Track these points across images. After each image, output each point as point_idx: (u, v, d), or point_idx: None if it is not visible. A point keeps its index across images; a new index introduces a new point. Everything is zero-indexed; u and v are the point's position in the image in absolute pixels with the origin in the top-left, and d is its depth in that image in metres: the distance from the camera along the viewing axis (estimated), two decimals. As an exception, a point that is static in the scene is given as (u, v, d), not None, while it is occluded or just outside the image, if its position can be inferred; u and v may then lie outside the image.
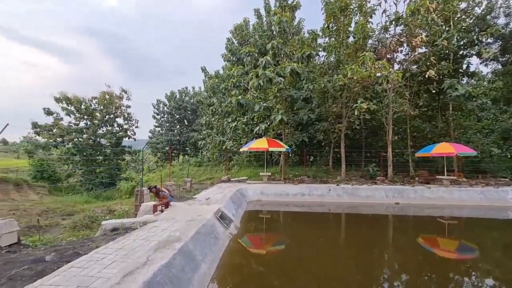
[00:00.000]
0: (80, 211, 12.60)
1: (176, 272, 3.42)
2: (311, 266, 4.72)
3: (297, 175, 13.99)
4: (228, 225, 6.19)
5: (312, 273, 4.39)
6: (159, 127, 33.11)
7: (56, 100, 19.98)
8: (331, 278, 4.22)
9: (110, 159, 21.51)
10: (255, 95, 14.20)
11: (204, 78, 23.53)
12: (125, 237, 4.48)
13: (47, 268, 3.31)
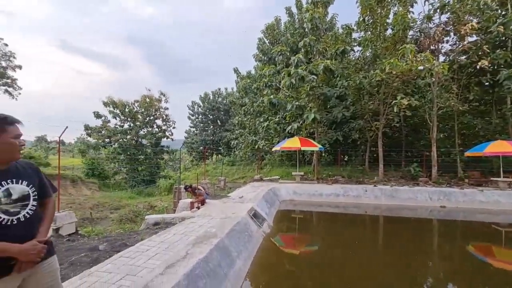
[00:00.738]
0: (125, 206, 13.70)
1: (213, 266, 3.58)
2: (346, 269, 4.59)
3: (330, 175, 13.61)
4: (261, 224, 6.27)
5: (347, 277, 4.26)
6: (194, 128, 34.54)
7: (104, 104, 21.96)
8: (366, 284, 4.06)
9: (151, 158, 23.01)
10: (287, 94, 14.12)
11: (236, 78, 23.99)
12: (166, 231, 4.79)
13: (101, 256, 3.68)
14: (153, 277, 2.94)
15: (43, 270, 1.53)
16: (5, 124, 1.45)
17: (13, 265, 1.38)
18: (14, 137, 1.46)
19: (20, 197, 1.46)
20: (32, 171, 1.58)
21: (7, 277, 1.36)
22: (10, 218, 1.40)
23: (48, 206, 1.63)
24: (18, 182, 1.47)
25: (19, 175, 1.49)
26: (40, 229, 1.53)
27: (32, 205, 1.51)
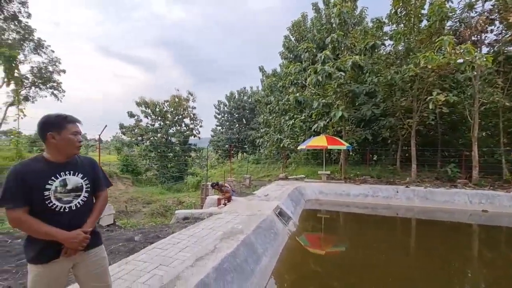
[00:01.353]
0: (156, 201, 14.43)
1: (240, 262, 3.67)
2: (374, 273, 4.43)
3: (358, 175, 13.16)
4: (287, 222, 6.27)
5: (375, 281, 4.13)
6: (220, 126, 35.26)
7: (137, 104, 23.25)
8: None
9: (179, 155, 23.95)
10: (313, 92, 13.87)
11: (261, 77, 24.06)
12: (195, 226, 4.98)
13: (136, 246, 3.94)
14: (184, 268, 3.09)
15: (90, 259, 1.68)
16: (65, 122, 1.63)
17: (61, 250, 1.55)
18: (73, 134, 1.63)
19: (74, 187, 1.62)
20: (90, 166, 1.76)
21: (57, 260, 1.54)
22: (62, 206, 1.56)
23: (99, 199, 1.79)
24: (74, 174, 1.64)
25: (76, 168, 1.66)
26: (87, 220, 1.67)
27: (84, 196, 1.66)
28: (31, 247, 1.53)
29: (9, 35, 20.59)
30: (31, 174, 1.51)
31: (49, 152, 1.61)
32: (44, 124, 1.59)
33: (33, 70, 23.24)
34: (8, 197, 1.44)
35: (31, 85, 23.38)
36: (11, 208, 1.44)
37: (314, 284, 3.98)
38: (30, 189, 1.48)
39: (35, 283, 1.51)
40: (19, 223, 1.47)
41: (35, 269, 1.51)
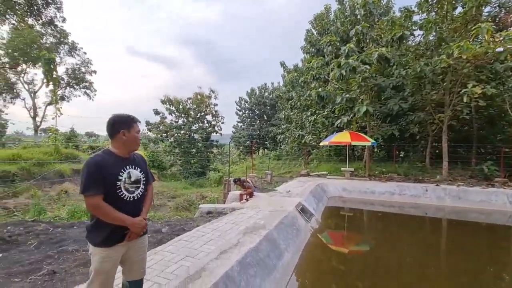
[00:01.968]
0: (181, 195, 14.92)
1: (263, 256, 3.71)
2: (400, 274, 4.28)
3: (384, 172, 12.68)
4: (309, 219, 6.23)
5: (401, 282, 3.99)
6: (241, 123, 35.53)
7: (162, 102, 24.05)
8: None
9: (202, 151, 24.50)
10: (337, 87, 13.51)
11: (283, 72, 23.83)
12: (218, 220, 5.11)
13: (164, 238, 4.13)
14: (208, 261, 3.20)
15: (139, 244, 1.88)
16: (133, 122, 1.86)
17: (125, 234, 1.76)
18: (137, 132, 1.86)
19: (135, 180, 1.84)
20: (143, 162, 1.98)
21: (120, 243, 1.74)
22: (128, 195, 1.78)
23: (149, 191, 2.00)
24: (135, 168, 1.85)
25: (135, 163, 1.88)
26: (143, 209, 1.90)
27: (142, 188, 1.88)
28: (98, 233, 1.70)
29: (47, 39, 22.14)
30: (107, 166, 1.71)
31: (117, 147, 1.82)
32: (118, 122, 1.81)
33: (68, 71, 24.86)
34: (91, 185, 1.62)
35: (66, 86, 25.05)
36: (92, 195, 1.62)
37: (337, 283, 3.94)
38: (105, 179, 1.68)
39: (101, 264, 1.67)
40: (98, 208, 1.64)
41: (102, 252, 1.68)
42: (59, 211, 7.23)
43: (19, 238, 4.17)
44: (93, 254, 1.70)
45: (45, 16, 21.14)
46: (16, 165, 10.90)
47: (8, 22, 13.28)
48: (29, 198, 9.68)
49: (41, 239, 4.16)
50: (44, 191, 10.84)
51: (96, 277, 1.68)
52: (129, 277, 1.87)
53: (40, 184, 10.91)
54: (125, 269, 1.87)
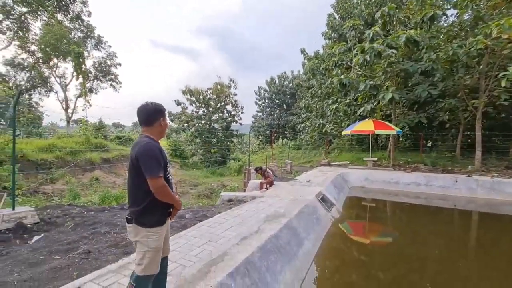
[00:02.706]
0: (202, 183, 15.35)
1: (283, 244, 3.76)
2: (425, 267, 4.13)
3: (409, 162, 12.18)
4: (329, 208, 6.17)
5: (425, 274, 3.87)
6: (261, 112, 35.40)
7: (183, 93, 24.52)
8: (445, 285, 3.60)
9: (222, 141, 24.86)
10: (360, 73, 12.97)
11: (303, 60, 23.23)
12: (239, 208, 5.21)
13: (187, 223, 4.30)
14: (230, 246, 3.29)
15: (168, 224, 2.06)
16: (164, 110, 2.01)
17: (169, 213, 1.97)
18: (166, 120, 2.03)
19: (167, 163, 1.98)
20: None
21: (166, 222, 1.95)
22: (171, 177, 1.99)
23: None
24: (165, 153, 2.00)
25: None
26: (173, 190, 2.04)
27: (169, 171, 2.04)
28: (153, 215, 1.85)
29: (75, 34, 23.16)
30: (162, 150, 1.89)
31: (155, 133, 1.95)
32: (158, 110, 1.97)
33: (94, 64, 25.97)
34: (160, 168, 1.80)
35: (94, 78, 26.25)
36: (161, 177, 1.79)
37: (358, 273, 3.90)
38: (164, 162, 1.88)
39: (158, 242, 1.86)
40: (163, 187, 1.80)
41: (157, 232, 1.85)
42: (91, 197, 7.74)
43: (58, 220, 4.54)
44: (148, 236, 1.82)
45: (72, 11, 22.02)
46: (52, 154, 11.73)
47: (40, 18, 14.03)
48: (64, 184, 10.44)
49: (77, 222, 4.49)
50: (77, 178, 11.63)
51: (153, 255, 1.84)
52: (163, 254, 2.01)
53: (73, 172, 11.70)
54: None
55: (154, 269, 1.85)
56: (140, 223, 1.83)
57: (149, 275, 1.85)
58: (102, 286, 2.39)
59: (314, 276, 3.60)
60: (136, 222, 1.84)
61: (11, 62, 23.22)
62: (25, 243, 3.63)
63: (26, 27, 13.26)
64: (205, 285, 2.40)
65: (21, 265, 2.94)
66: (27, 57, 21.77)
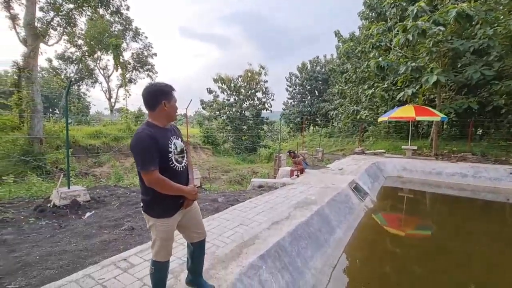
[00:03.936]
0: (233, 170, 15.75)
1: (314, 230, 3.74)
2: (467, 264, 3.84)
3: (455, 151, 11.17)
4: (363, 198, 5.97)
5: (467, 273, 3.59)
6: (291, 99, 34.76)
7: (214, 81, 24.95)
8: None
9: (252, 128, 25.06)
10: (400, 55, 11.98)
11: (337, 43, 22.08)
12: (269, 194, 5.27)
13: (220, 207, 4.47)
14: (261, 230, 3.37)
15: (193, 210, 1.98)
16: (172, 90, 1.81)
17: (181, 203, 1.83)
18: (175, 102, 1.84)
19: (180, 150, 1.84)
20: (179, 132, 1.98)
21: (178, 212, 1.83)
22: (179, 166, 1.80)
23: (189, 160, 2.02)
24: (177, 139, 1.86)
25: (175, 133, 1.89)
26: (189, 177, 1.94)
27: (186, 157, 1.91)
28: (159, 206, 1.75)
29: (115, 27, 24.52)
30: (159, 138, 1.68)
31: (157, 118, 1.76)
32: (159, 92, 1.75)
33: (133, 55, 27.42)
34: (150, 160, 1.60)
35: (132, 69, 27.80)
36: (152, 170, 1.60)
37: (391, 265, 3.75)
38: (161, 151, 1.68)
39: (165, 233, 1.77)
40: (158, 181, 1.63)
41: (164, 223, 1.76)
42: (133, 179, 8.39)
43: (105, 199, 5.01)
44: (156, 226, 1.76)
45: (112, 6, 23.25)
46: (99, 140, 12.83)
47: (85, 14, 15.11)
48: (110, 168, 11.44)
49: (121, 201, 4.93)
50: (120, 162, 12.65)
51: (162, 244, 1.79)
52: (191, 240, 2.03)
53: (117, 156, 12.73)
54: (185, 234, 2.02)
55: (164, 256, 1.82)
56: (148, 212, 1.78)
57: (160, 261, 1.83)
58: (144, 259, 2.62)
59: (345, 264, 3.55)
60: (145, 211, 1.79)
61: (62, 56, 25.51)
62: (79, 218, 4.08)
63: (73, 22, 14.35)
64: (237, 265, 2.50)
65: (77, 236, 3.33)
66: (75, 51, 23.69)
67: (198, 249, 2.05)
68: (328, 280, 3.07)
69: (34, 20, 10.80)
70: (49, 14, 13.09)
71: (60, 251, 2.90)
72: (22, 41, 11.03)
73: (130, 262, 2.58)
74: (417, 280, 3.33)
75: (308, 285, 2.83)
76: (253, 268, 2.52)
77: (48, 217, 4.04)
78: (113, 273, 2.38)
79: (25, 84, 10.44)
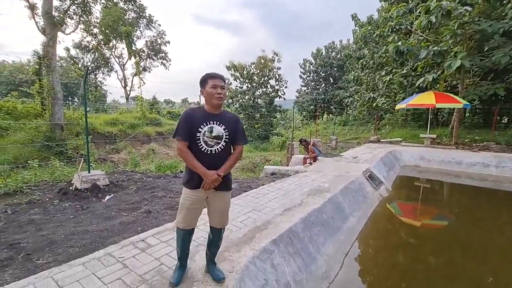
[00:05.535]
0: (245, 157, 15.83)
1: (327, 218, 3.74)
2: (485, 256, 3.73)
3: (477, 140, 10.69)
4: (377, 187, 5.87)
5: (486, 265, 3.50)
6: (305, 87, 34.08)
7: (227, 68, 24.80)
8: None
9: (265, 116, 24.94)
10: (421, 38, 11.36)
11: (354, 27, 21.21)
12: (282, 181, 5.28)
13: (233, 192, 4.51)
14: (274, 216, 3.40)
15: (218, 198, 2.06)
16: (208, 77, 1.97)
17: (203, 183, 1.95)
18: (212, 87, 1.93)
19: (216, 135, 1.95)
20: (233, 122, 2.05)
21: (198, 189, 1.96)
22: (207, 148, 1.93)
23: (235, 151, 2.08)
24: (218, 125, 1.96)
25: (221, 120, 1.98)
26: (223, 166, 1.98)
27: (222, 145, 1.97)
28: (185, 175, 2.04)
29: (129, 15, 24.61)
30: (194, 118, 1.94)
31: (205, 101, 2.02)
32: (200, 81, 2.02)
33: (147, 43, 27.56)
34: (179, 131, 1.92)
35: (146, 57, 28.02)
36: (178, 140, 1.92)
37: (405, 255, 3.70)
38: (191, 128, 1.91)
39: (184, 200, 2.01)
40: (181, 151, 1.93)
41: (186, 191, 2.01)
42: (149, 165, 8.62)
43: (123, 184, 5.20)
44: (183, 191, 2.04)
45: (126, -7, 23.26)
46: (116, 127, 13.19)
47: (99, 1, 15.23)
48: (127, 154, 11.79)
49: (138, 186, 5.09)
50: (136, 149, 12.99)
51: (180, 210, 2.03)
52: (210, 223, 2.14)
53: (133, 143, 13.08)
54: (209, 215, 2.13)
55: (179, 222, 2.02)
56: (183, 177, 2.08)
57: (178, 227, 2.04)
58: (161, 241, 2.73)
59: (358, 252, 3.55)
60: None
61: (79, 45, 26.02)
62: (99, 201, 4.27)
63: (88, 10, 14.51)
64: (250, 249, 2.56)
65: (98, 218, 3.50)
66: (91, 40, 24.08)
67: (215, 235, 2.15)
68: (340, 266, 3.09)
69: (52, 9, 11.00)
70: (66, 3, 13.27)
71: (83, 231, 3.06)
72: (41, 30, 11.30)
73: (147, 242, 2.69)
74: (431, 271, 3.28)
75: (320, 271, 2.86)
76: (265, 252, 2.57)
77: (71, 199, 4.25)
78: (132, 252, 2.50)
79: (45, 72, 10.78)
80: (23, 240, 2.83)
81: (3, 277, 2.17)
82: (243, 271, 2.22)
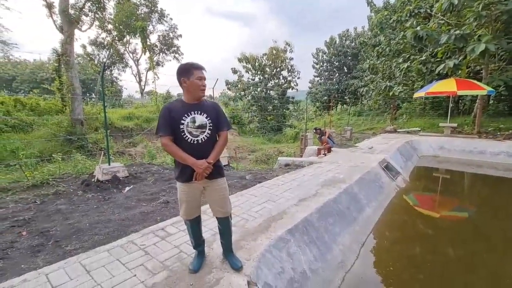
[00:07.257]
0: (259, 149, 15.88)
1: (342, 208, 3.72)
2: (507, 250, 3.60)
3: (502, 129, 10.17)
4: (394, 177, 5.75)
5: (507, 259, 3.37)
6: (318, 77, 33.41)
7: (239, 60, 24.62)
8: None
9: (278, 108, 24.74)
10: (442, 22, 10.80)
11: (369, 13, 20.44)
12: (296, 172, 5.28)
13: (248, 184, 4.58)
14: (288, 206, 3.42)
15: (215, 186, 2.07)
16: (193, 68, 1.92)
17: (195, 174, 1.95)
18: (197, 78, 1.92)
19: (200, 124, 1.94)
20: (213, 109, 2.04)
21: (191, 182, 1.98)
22: (192, 138, 1.92)
23: (220, 138, 2.08)
24: (200, 114, 1.96)
25: (202, 109, 1.98)
26: (210, 154, 1.98)
27: (207, 133, 1.97)
28: (176, 169, 2.05)
29: (141, 10, 24.85)
30: (174, 111, 1.92)
31: (184, 94, 1.99)
32: (179, 70, 1.94)
33: (159, 38, 27.80)
34: (161, 127, 1.91)
35: (159, 52, 28.32)
36: (162, 135, 1.91)
37: (422, 247, 3.60)
38: (173, 122, 1.90)
39: (180, 194, 2.06)
40: (166, 146, 1.92)
41: (180, 185, 2.04)
42: (164, 158, 8.83)
43: (142, 175, 5.37)
44: (177, 186, 2.08)
45: (137, -12, 23.44)
46: (132, 121, 13.53)
47: (112, -2, 15.53)
48: (143, 148, 12.12)
49: (156, 177, 5.25)
50: (152, 142, 13.31)
51: (180, 203, 2.09)
52: (214, 214, 2.16)
53: (149, 137, 13.40)
54: (211, 207, 2.15)
55: (182, 214, 2.10)
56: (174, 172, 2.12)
57: (183, 218, 2.13)
58: (179, 229, 2.82)
59: (374, 243, 3.52)
60: None
61: (94, 41, 26.62)
62: (120, 192, 4.44)
63: (102, 7, 14.79)
64: (266, 238, 2.60)
65: (119, 208, 3.65)
66: (106, 36, 24.58)
67: (222, 225, 2.18)
68: (356, 256, 3.08)
69: (68, 7, 11.28)
70: (81, 0, 13.58)
71: (106, 220, 3.21)
72: (59, 28, 11.65)
73: (167, 231, 2.79)
74: (450, 263, 3.21)
75: (336, 260, 2.87)
76: (281, 240, 2.60)
77: (93, 190, 4.45)
78: (153, 240, 2.60)
79: (64, 70, 11.16)
80: (52, 228, 3.01)
81: (36, 262, 2.33)
82: (260, 259, 2.27)
